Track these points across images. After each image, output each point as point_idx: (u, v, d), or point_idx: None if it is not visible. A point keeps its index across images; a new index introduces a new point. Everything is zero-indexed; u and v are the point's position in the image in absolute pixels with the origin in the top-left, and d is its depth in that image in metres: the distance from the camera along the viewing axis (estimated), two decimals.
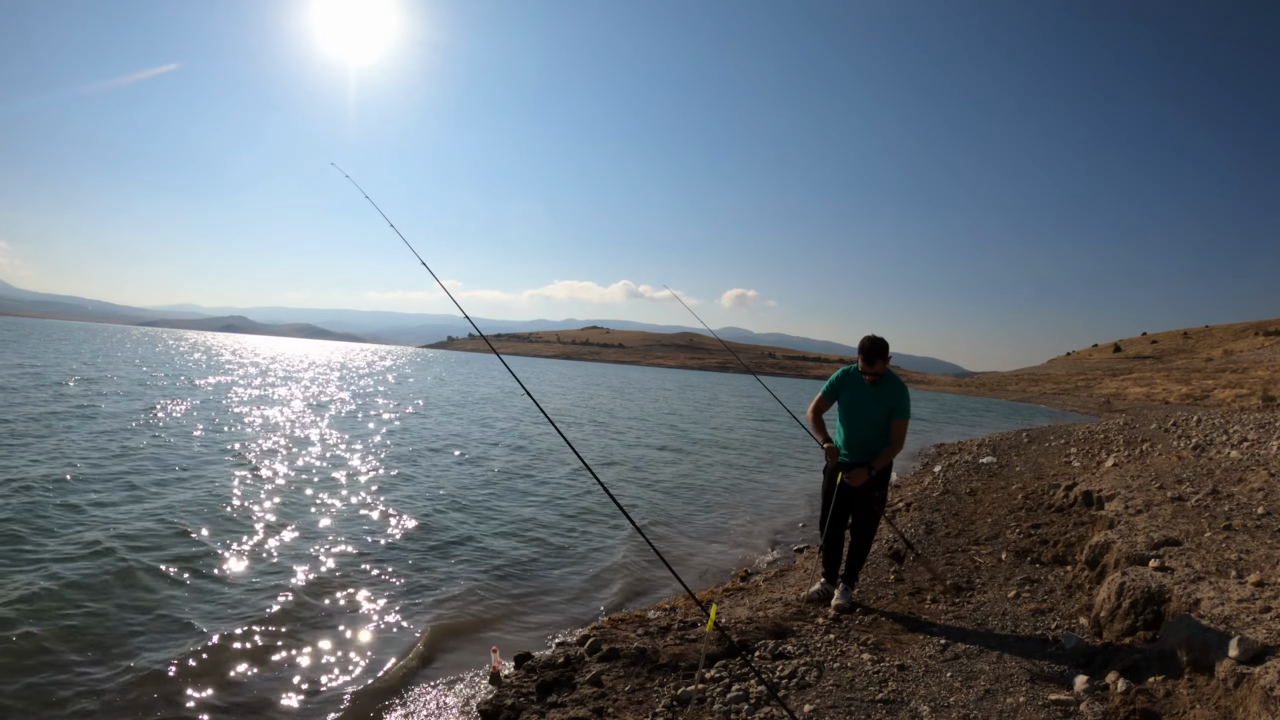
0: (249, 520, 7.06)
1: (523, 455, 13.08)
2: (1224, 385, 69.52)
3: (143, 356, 40.20)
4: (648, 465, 13.25)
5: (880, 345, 4.57)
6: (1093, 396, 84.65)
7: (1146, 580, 3.94)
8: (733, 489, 11.44)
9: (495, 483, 10.16)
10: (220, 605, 4.96)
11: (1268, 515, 5.43)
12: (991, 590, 5.10)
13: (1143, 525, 5.31)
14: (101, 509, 6.96)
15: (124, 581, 5.20)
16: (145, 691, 3.79)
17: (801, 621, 4.56)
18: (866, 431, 4.67)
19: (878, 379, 4.63)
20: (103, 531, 6.19)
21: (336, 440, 13.17)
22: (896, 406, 4.61)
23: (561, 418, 21.76)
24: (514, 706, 3.60)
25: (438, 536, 7.10)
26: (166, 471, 8.93)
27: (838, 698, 3.47)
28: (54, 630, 4.35)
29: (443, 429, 16.55)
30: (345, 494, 8.62)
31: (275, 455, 10.88)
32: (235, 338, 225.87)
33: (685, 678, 3.79)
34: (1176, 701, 3.12)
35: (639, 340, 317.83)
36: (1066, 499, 7.56)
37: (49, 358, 30.66)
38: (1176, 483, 7.15)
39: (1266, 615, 3.36)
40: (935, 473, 12.27)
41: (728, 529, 8.70)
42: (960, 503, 8.77)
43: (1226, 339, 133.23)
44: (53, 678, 3.84)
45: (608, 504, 8.84)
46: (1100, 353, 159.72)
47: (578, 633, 4.82)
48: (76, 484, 7.82)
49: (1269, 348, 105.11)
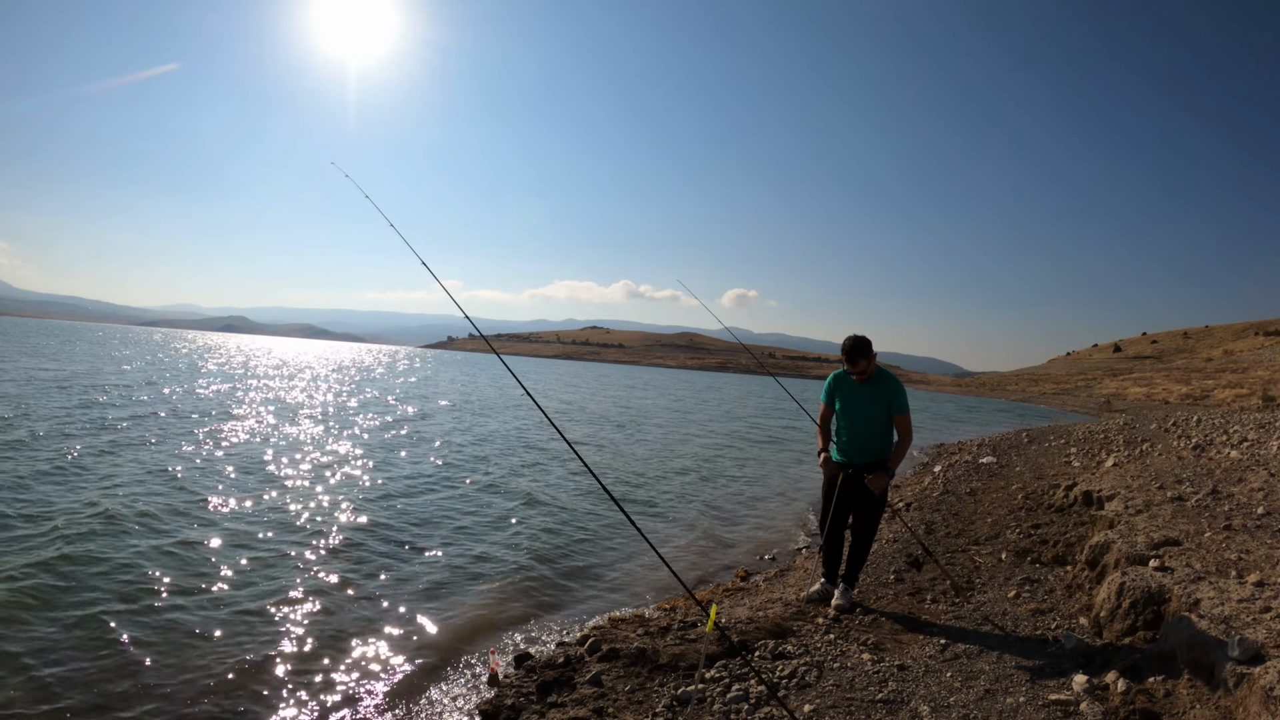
0: (248, 520, 7.07)
1: (523, 456, 13.08)
2: (1224, 385, 69.51)
3: (167, 359, 40.21)
4: (648, 464, 13.25)
5: (860, 344, 4.57)
6: (1093, 396, 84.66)
7: (1146, 580, 3.93)
8: (732, 489, 11.44)
9: (495, 483, 10.16)
10: (218, 604, 4.96)
11: (1268, 515, 5.43)
12: (991, 590, 5.10)
13: (1143, 525, 5.30)
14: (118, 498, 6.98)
15: (123, 580, 5.20)
16: (144, 691, 3.79)
17: (801, 621, 4.56)
18: (866, 430, 4.66)
19: (866, 377, 4.63)
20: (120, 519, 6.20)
21: (338, 440, 13.18)
22: (893, 402, 4.61)
23: (565, 419, 21.76)
24: (514, 707, 3.60)
25: (436, 537, 7.10)
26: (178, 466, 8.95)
27: (838, 698, 3.47)
28: (50, 624, 4.36)
29: (444, 429, 16.56)
30: (345, 493, 8.62)
31: (276, 454, 10.89)
32: (236, 338, 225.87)
33: (685, 678, 3.79)
34: (1176, 701, 3.12)
35: (639, 340, 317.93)
36: (1066, 499, 7.57)
37: (77, 362, 30.65)
38: (1176, 483, 7.15)
39: (1266, 615, 3.36)
40: (935, 473, 12.28)
41: (728, 529, 8.69)
42: (960, 503, 8.77)
43: (1226, 339, 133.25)
44: (52, 675, 3.85)
45: (608, 504, 8.84)
46: (1100, 353, 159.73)
47: (578, 633, 4.82)
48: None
49: (1269, 348, 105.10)
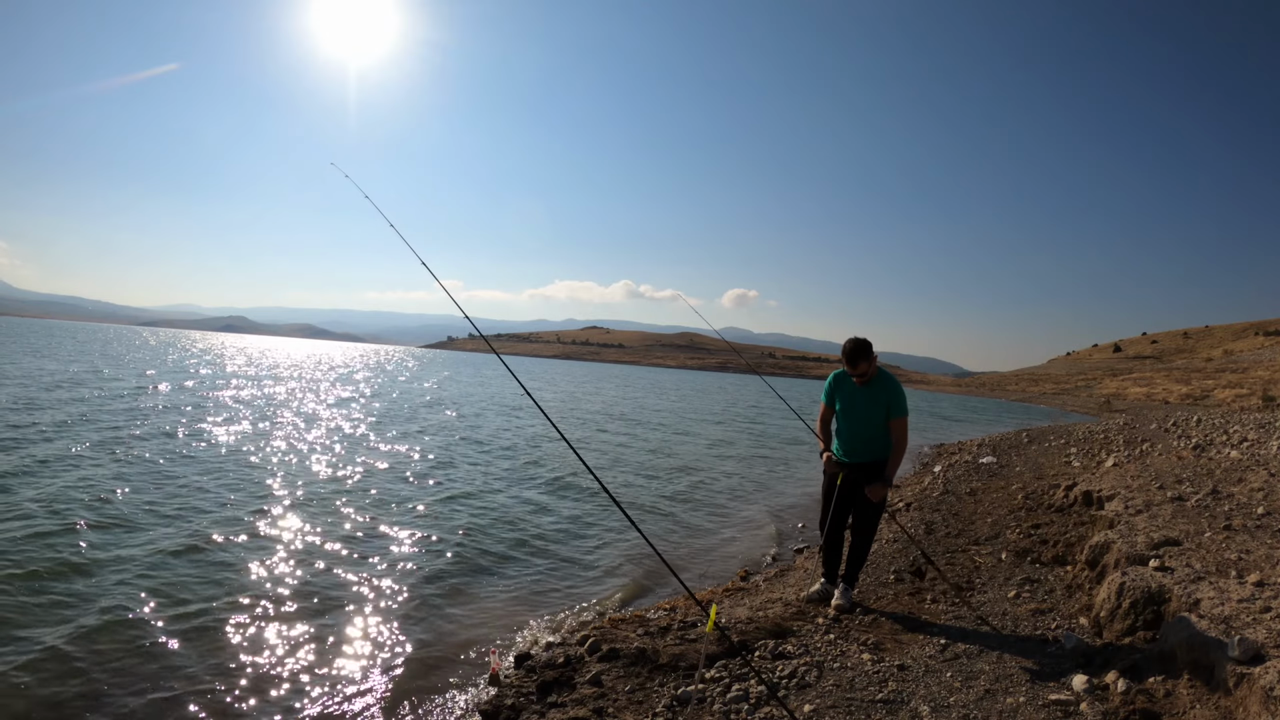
0: (247, 519, 7.07)
1: (524, 456, 13.08)
2: (1224, 385, 69.52)
3: (182, 360, 40.20)
4: (648, 465, 13.26)
5: (861, 347, 4.58)
6: (1093, 396, 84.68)
7: (1146, 580, 3.93)
8: (733, 489, 11.44)
9: (496, 483, 10.16)
10: (215, 602, 4.96)
11: (1268, 515, 5.43)
12: (991, 590, 5.10)
13: (1143, 525, 5.30)
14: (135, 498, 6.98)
15: (122, 577, 5.21)
16: (141, 692, 3.79)
17: (801, 621, 4.55)
18: (865, 432, 4.68)
19: (866, 379, 4.64)
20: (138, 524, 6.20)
21: (336, 439, 13.18)
22: (892, 404, 4.60)
23: (565, 419, 21.76)
24: (514, 706, 3.60)
25: (437, 536, 7.10)
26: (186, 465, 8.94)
27: (838, 698, 3.47)
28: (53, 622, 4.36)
29: (442, 429, 16.56)
30: (345, 494, 8.62)
31: (276, 453, 10.89)
32: (236, 338, 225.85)
33: (685, 678, 3.79)
34: (1176, 701, 3.12)
35: (639, 340, 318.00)
36: (1066, 499, 7.56)
37: (81, 362, 30.64)
38: (1176, 483, 7.15)
39: (1266, 615, 3.36)
40: (935, 473, 12.27)
41: (728, 529, 8.70)
42: (960, 503, 8.77)
43: (1226, 339, 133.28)
44: (54, 673, 3.85)
45: (608, 504, 8.84)
46: (1100, 353, 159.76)
47: (578, 633, 4.81)
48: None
49: (1269, 348, 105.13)
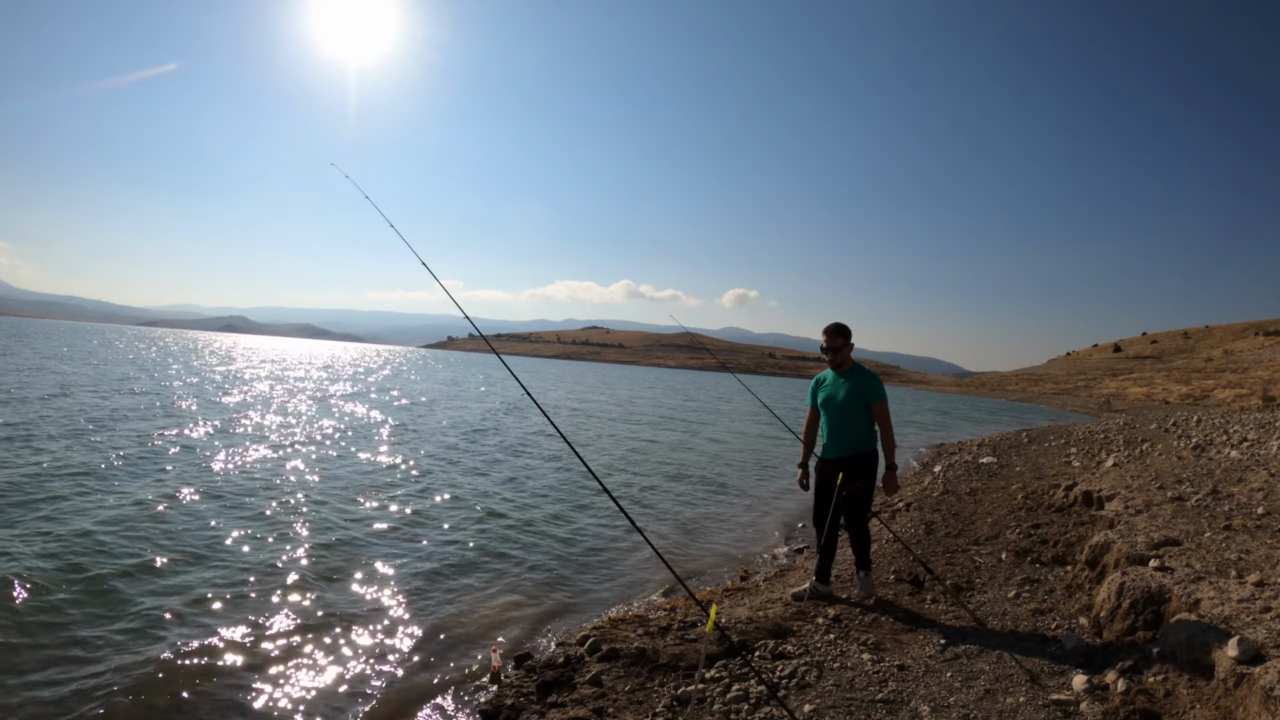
0: (246, 518, 7.06)
1: (525, 456, 13.08)
2: (1224, 385, 69.53)
3: (189, 361, 40.19)
4: (649, 465, 13.25)
5: (839, 325, 4.89)
6: (1093, 396, 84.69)
7: (1146, 580, 3.93)
8: (732, 489, 11.44)
9: (496, 483, 10.16)
10: (213, 598, 4.96)
11: (1268, 515, 5.43)
12: (991, 590, 5.10)
13: (1143, 525, 5.31)
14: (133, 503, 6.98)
15: (121, 576, 5.21)
16: (141, 688, 3.79)
17: (801, 621, 4.56)
18: (847, 420, 4.79)
19: (841, 365, 4.86)
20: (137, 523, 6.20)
21: (336, 439, 13.18)
22: (869, 391, 4.77)
23: (565, 419, 21.76)
24: (514, 706, 3.60)
25: (436, 536, 7.10)
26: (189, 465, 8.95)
27: (838, 698, 3.48)
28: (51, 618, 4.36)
29: (447, 430, 16.55)
30: (345, 492, 8.62)
31: (275, 454, 10.89)
32: (237, 338, 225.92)
33: (685, 678, 3.79)
34: (1176, 701, 3.12)
35: (639, 340, 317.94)
36: (1066, 499, 7.56)
37: (95, 366, 30.64)
38: (1176, 483, 7.15)
39: (1266, 615, 3.36)
40: (935, 473, 12.28)
41: (728, 529, 8.69)
42: (960, 503, 8.77)
43: (1226, 339, 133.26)
44: (55, 674, 3.85)
45: (609, 504, 8.84)
46: (1100, 353, 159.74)
47: (578, 633, 4.82)
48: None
49: (1269, 348, 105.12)
